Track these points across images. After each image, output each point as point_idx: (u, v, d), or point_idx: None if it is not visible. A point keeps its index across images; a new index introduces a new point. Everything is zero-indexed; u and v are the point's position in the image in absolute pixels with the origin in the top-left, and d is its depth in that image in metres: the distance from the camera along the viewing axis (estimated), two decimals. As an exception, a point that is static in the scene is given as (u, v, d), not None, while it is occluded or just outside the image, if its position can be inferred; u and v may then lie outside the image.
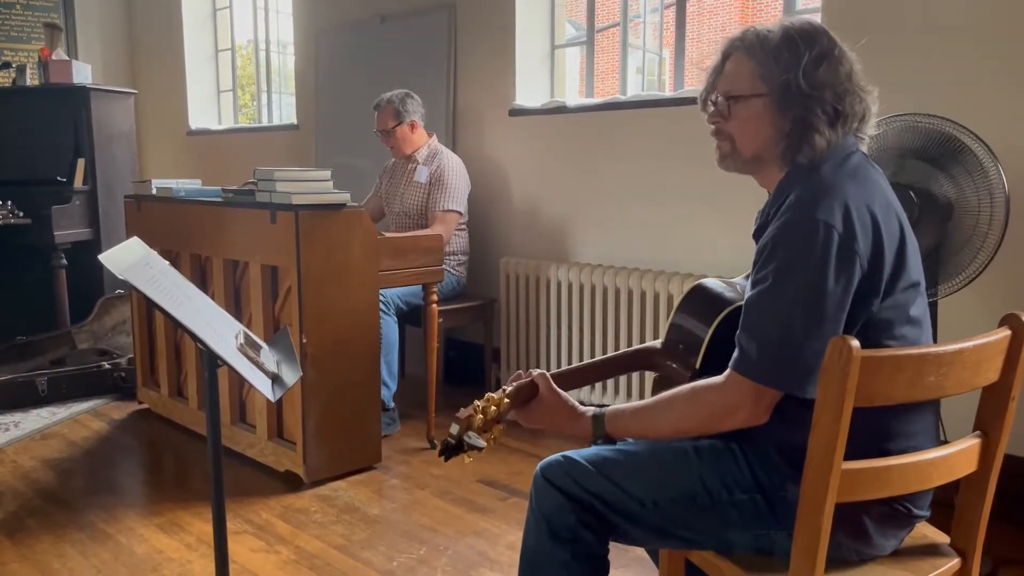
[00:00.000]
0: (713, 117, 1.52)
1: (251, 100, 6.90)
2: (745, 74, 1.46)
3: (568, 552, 1.46)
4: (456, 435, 1.44)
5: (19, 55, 6.02)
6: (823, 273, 1.31)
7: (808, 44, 1.42)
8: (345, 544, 2.57)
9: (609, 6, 6.98)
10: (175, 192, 3.53)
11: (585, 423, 1.51)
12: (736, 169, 1.53)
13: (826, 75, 1.41)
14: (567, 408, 1.54)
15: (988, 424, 1.39)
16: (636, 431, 1.49)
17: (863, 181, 1.41)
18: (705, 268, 3.29)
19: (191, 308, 1.60)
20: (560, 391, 1.55)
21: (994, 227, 2.23)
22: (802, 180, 1.42)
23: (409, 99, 3.83)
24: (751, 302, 1.38)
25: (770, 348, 1.33)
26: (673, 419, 1.44)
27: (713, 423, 1.40)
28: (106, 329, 4.62)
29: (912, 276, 1.39)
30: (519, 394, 1.53)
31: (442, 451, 1.45)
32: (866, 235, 1.33)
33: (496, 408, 1.49)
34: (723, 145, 1.52)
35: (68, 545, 2.58)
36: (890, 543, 1.43)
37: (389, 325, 3.41)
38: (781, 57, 1.42)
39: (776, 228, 1.37)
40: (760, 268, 1.37)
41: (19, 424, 3.73)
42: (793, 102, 1.41)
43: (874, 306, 1.35)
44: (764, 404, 1.35)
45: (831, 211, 1.32)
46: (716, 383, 1.39)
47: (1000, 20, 2.59)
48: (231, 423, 3.27)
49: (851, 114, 1.42)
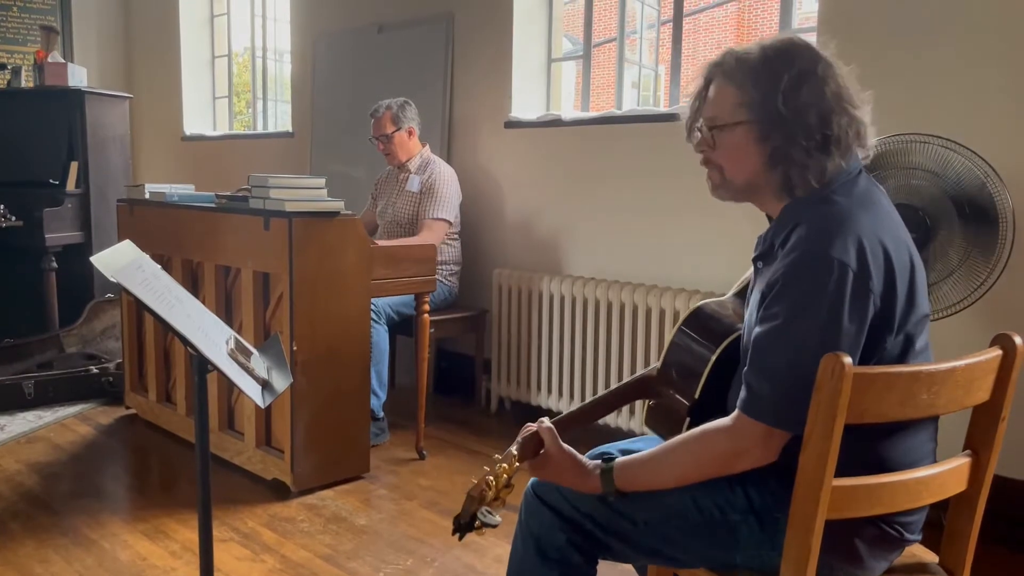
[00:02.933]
0: (699, 146, 1.47)
1: (247, 107, 6.90)
2: (727, 101, 1.41)
3: (556, 572, 1.45)
4: (469, 513, 1.39)
5: (15, 57, 6.01)
6: (838, 313, 1.26)
7: (786, 64, 1.36)
8: (331, 554, 2.55)
9: (606, 21, 7.03)
10: (168, 197, 3.52)
11: (594, 480, 1.44)
12: (730, 198, 1.48)
13: (808, 96, 1.34)
14: (574, 465, 1.47)
15: (978, 443, 1.39)
16: (646, 482, 1.42)
17: (873, 210, 1.36)
18: (698, 282, 3.29)
19: (182, 312, 1.59)
20: (565, 447, 1.48)
21: (1003, 249, 2.24)
22: (811, 209, 1.36)
23: (408, 106, 3.84)
24: (761, 340, 1.32)
25: (781, 389, 1.29)
26: (682, 467, 1.38)
27: (724, 467, 1.35)
28: (95, 333, 4.60)
29: (923, 309, 1.36)
30: (525, 451, 1.49)
31: (455, 530, 1.40)
32: (879, 271, 1.29)
33: (507, 476, 1.43)
34: (713, 175, 1.47)
35: (51, 550, 2.55)
36: (880, 565, 1.42)
37: (380, 334, 3.40)
38: (760, 81, 1.36)
39: (787, 265, 1.31)
40: (770, 305, 1.32)
41: (5, 427, 3.70)
42: (775, 128, 1.35)
43: (888, 343, 1.32)
44: (775, 445, 1.31)
45: (845, 248, 1.28)
46: (724, 426, 1.35)
47: (1004, 35, 2.61)
48: (219, 429, 3.25)
49: (842, 136, 1.35)
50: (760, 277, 1.45)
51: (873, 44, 2.83)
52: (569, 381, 3.65)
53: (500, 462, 1.44)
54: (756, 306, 1.39)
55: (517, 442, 1.50)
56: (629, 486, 1.43)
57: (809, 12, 3.56)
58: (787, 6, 3.30)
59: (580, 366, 3.60)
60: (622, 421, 3.46)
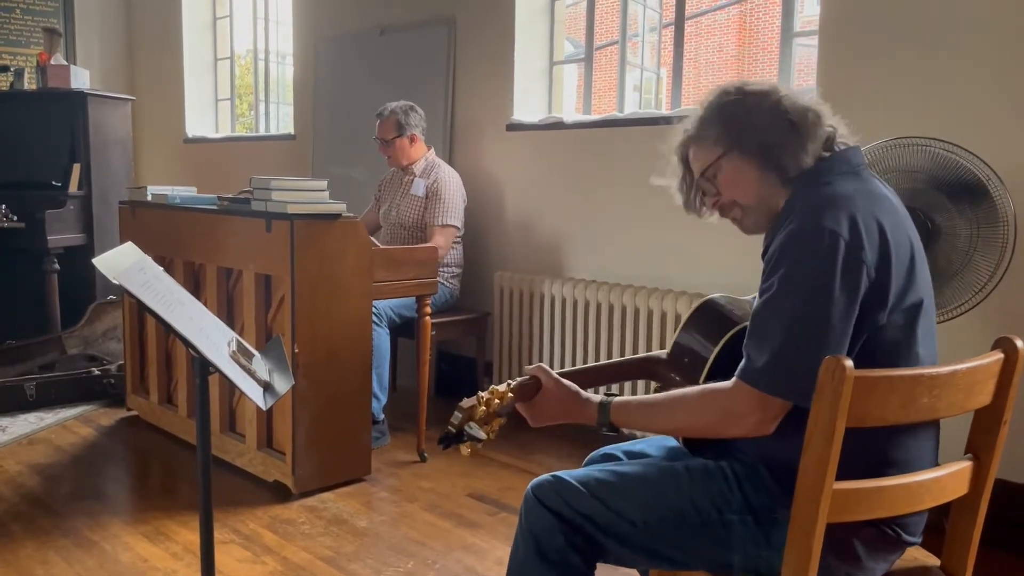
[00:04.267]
0: (710, 201, 1.56)
1: (249, 109, 6.90)
2: (704, 151, 1.53)
3: (555, 574, 1.45)
4: (457, 424, 1.44)
5: (18, 59, 6.02)
6: (829, 281, 1.30)
7: (723, 96, 1.51)
8: (332, 556, 2.55)
9: (608, 24, 7.03)
10: (170, 199, 3.53)
11: (591, 409, 1.50)
12: (764, 224, 1.52)
13: (755, 103, 1.47)
14: (572, 394, 1.53)
15: (980, 447, 1.38)
16: (641, 423, 1.49)
17: (870, 194, 1.40)
18: (700, 286, 3.29)
19: (184, 314, 1.59)
20: (563, 380, 1.54)
21: (1004, 254, 2.24)
22: (808, 192, 1.42)
23: (412, 112, 3.84)
24: (758, 310, 1.38)
25: (775, 357, 1.32)
26: (679, 417, 1.43)
27: (720, 426, 1.39)
28: (97, 335, 4.60)
29: (919, 293, 1.38)
30: (523, 389, 1.53)
31: (441, 439, 1.45)
32: (873, 244, 1.32)
33: (499, 401, 1.48)
34: (735, 213, 1.55)
35: (52, 551, 2.55)
36: (880, 566, 1.42)
37: (381, 337, 3.40)
38: (714, 120, 1.50)
39: (783, 237, 1.37)
40: (767, 276, 1.38)
41: (6, 429, 3.70)
42: (747, 137, 1.46)
43: (881, 318, 1.34)
44: (771, 413, 1.34)
45: (837, 219, 1.32)
46: (724, 388, 1.39)
47: (1004, 40, 2.61)
48: (221, 431, 3.25)
49: (801, 120, 1.44)
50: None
51: (874, 48, 2.83)
52: (570, 384, 3.65)
53: (495, 388, 1.50)
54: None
55: (515, 380, 1.56)
56: (623, 422, 1.48)
57: (811, 16, 3.56)
58: (788, 10, 3.30)
59: (581, 369, 3.60)
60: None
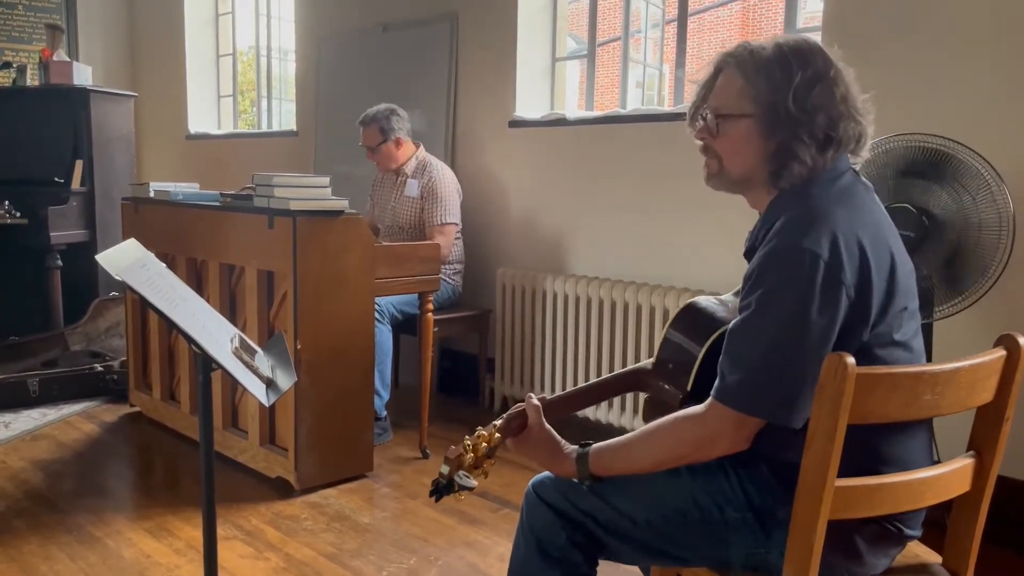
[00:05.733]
0: (701, 133, 1.47)
1: (251, 106, 6.90)
2: (734, 92, 1.41)
3: (557, 571, 1.45)
4: (447, 475, 1.41)
5: (20, 55, 6.02)
6: (807, 302, 1.27)
7: (801, 64, 1.36)
8: (335, 552, 2.56)
9: (610, 21, 7.02)
10: (173, 195, 3.53)
11: (569, 464, 1.46)
12: (724, 188, 1.49)
13: (819, 98, 1.35)
14: (552, 446, 1.49)
15: (982, 444, 1.38)
16: (621, 468, 1.44)
17: (853, 206, 1.37)
18: (701, 282, 3.29)
19: (186, 310, 1.59)
20: (547, 427, 1.51)
21: (1001, 249, 2.24)
22: (790, 204, 1.38)
23: (394, 116, 3.81)
24: (734, 329, 1.35)
25: (750, 376, 1.30)
26: (656, 453, 1.40)
27: (695, 453, 1.37)
28: (99, 331, 4.61)
29: (902, 301, 1.36)
30: (509, 426, 1.51)
31: (432, 491, 1.42)
32: (853, 264, 1.30)
33: (487, 444, 1.46)
34: (711, 163, 1.47)
35: (55, 547, 2.56)
36: (881, 562, 1.42)
37: (383, 333, 3.41)
38: (772, 76, 1.37)
39: (762, 255, 1.34)
40: (746, 295, 1.35)
41: (9, 425, 3.71)
42: (781, 125, 1.36)
43: (864, 335, 1.32)
44: (745, 432, 1.33)
45: (817, 240, 1.29)
46: (697, 413, 1.36)
47: (1006, 37, 2.60)
48: (223, 428, 3.26)
49: (844, 139, 1.37)
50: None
51: (877, 44, 2.83)
52: (572, 381, 3.65)
53: (481, 432, 1.47)
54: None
55: (503, 416, 1.53)
56: (605, 471, 1.44)
57: (814, 12, 3.56)
58: (791, 5, 3.30)
59: (584, 366, 3.60)
60: (617, 418, 3.46)
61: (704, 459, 1.38)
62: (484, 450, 1.45)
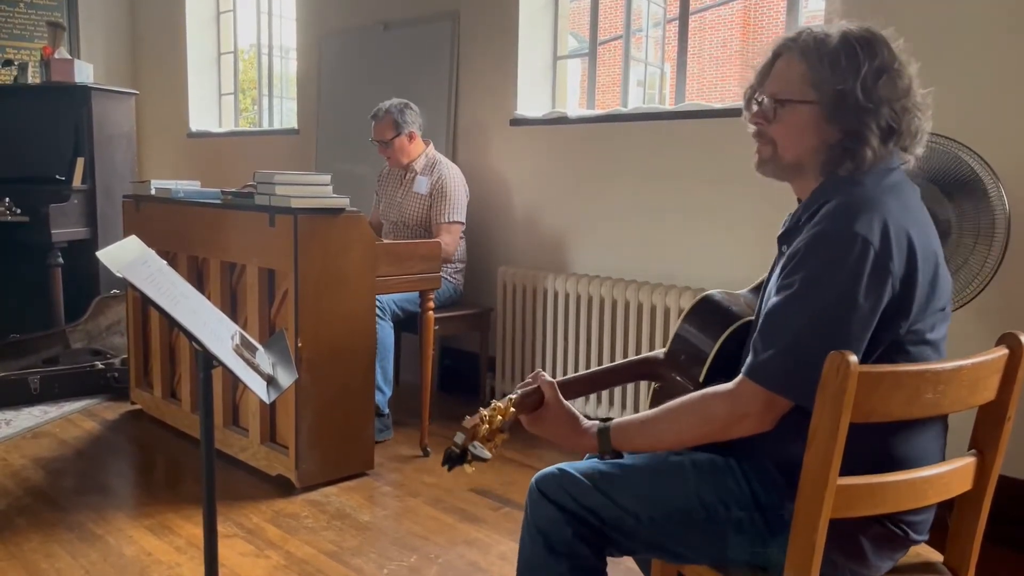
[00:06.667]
0: (756, 118, 1.45)
1: (252, 104, 6.90)
2: (796, 77, 1.39)
3: (565, 566, 1.45)
4: (460, 444, 1.41)
5: (21, 53, 6.02)
6: (854, 288, 1.26)
7: (869, 54, 1.35)
8: (335, 550, 2.55)
9: (612, 19, 7.01)
10: (174, 193, 3.53)
11: (590, 438, 1.47)
12: (774, 175, 1.48)
13: (886, 89, 1.35)
14: (572, 422, 1.50)
15: (984, 443, 1.38)
16: (642, 443, 1.45)
17: (903, 200, 1.36)
18: (703, 281, 3.29)
19: (187, 308, 1.59)
20: (566, 403, 1.51)
21: (995, 248, 2.24)
22: (841, 189, 1.37)
23: (408, 109, 3.82)
24: (774, 308, 1.33)
25: (788, 356, 1.29)
26: (680, 429, 1.40)
27: (721, 431, 1.36)
28: (101, 329, 4.61)
29: (941, 301, 1.36)
30: (524, 402, 1.51)
31: (445, 460, 1.42)
32: (901, 255, 1.29)
33: (502, 417, 1.46)
34: (764, 149, 1.46)
35: (57, 545, 2.56)
36: (885, 564, 1.42)
37: (385, 331, 3.40)
38: (838, 65, 1.35)
39: (810, 236, 1.32)
40: (788, 274, 1.33)
41: (10, 422, 3.71)
42: (846, 114, 1.35)
43: (902, 328, 1.31)
44: (774, 412, 1.32)
45: (869, 226, 1.28)
46: (725, 390, 1.36)
47: (1008, 36, 2.60)
48: (224, 426, 3.26)
49: (905, 132, 1.37)
50: (782, 257, 1.45)
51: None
52: (573, 379, 3.65)
53: (496, 403, 1.47)
54: (776, 280, 1.39)
55: (518, 391, 1.52)
56: (626, 446, 1.45)
57: (815, 10, 3.56)
58: (793, 4, 3.29)
59: (585, 364, 3.60)
60: (619, 414, 3.46)
61: (727, 437, 1.36)
62: (499, 423, 1.45)
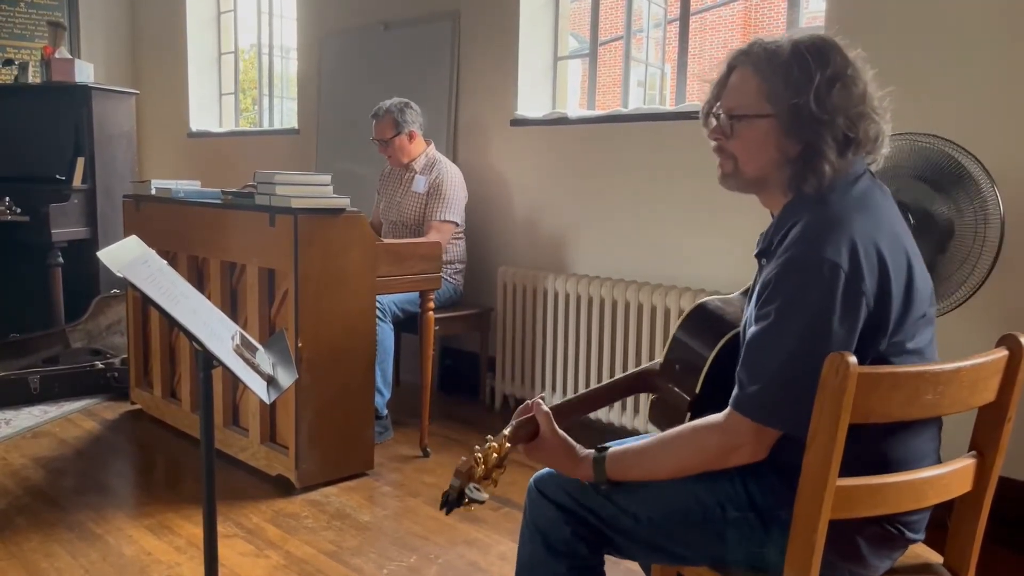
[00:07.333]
0: (715, 133, 1.45)
1: (252, 104, 6.90)
2: (751, 91, 1.38)
3: (564, 565, 1.45)
4: (457, 488, 1.39)
5: (22, 52, 6.02)
6: (828, 313, 1.26)
7: (820, 63, 1.34)
8: (335, 550, 2.56)
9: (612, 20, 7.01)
10: (174, 193, 3.53)
11: (586, 467, 1.45)
12: (738, 189, 1.47)
13: (839, 98, 1.33)
14: (568, 451, 1.48)
15: (984, 444, 1.38)
16: (637, 474, 1.43)
17: (871, 211, 1.35)
18: (704, 282, 3.29)
19: (188, 307, 1.59)
20: (560, 432, 1.49)
21: (988, 248, 2.24)
22: (808, 209, 1.36)
23: (408, 109, 3.82)
24: (753, 339, 1.33)
25: (771, 387, 1.29)
26: (677, 460, 1.39)
27: (715, 462, 1.36)
28: (101, 329, 4.61)
29: (920, 309, 1.35)
30: (518, 434, 1.49)
31: (442, 504, 1.40)
32: (872, 273, 1.28)
33: (496, 455, 1.44)
34: (725, 164, 1.45)
35: (57, 544, 2.56)
36: (883, 564, 1.42)
37: (385, 332, 3.40)
38: (791, 77, 1.34)
39: (780, 264, 1.32)
40: (764, 303, 1.32)
41: (10, 422, 3.71)
42: (802, 127, 1.34)
43: (882, 345, 1.31)
44: (765, 442, 1.32)
45: (837, 249, 1.27)
46: (716, 422, 1.35)
47: (1005, 39, 2.60)
48: (224, 426, 3.26)
49: (864, 139, 1.36)
50: (760, 273, 1.45)
51: (881, 43, 2.82)
52: (574, 379, 3.65)
53: (491, 441, 1.45)
54: (755, 303, 1.39)
55: (511, 424, 1.50)
56: (621, 476, 1.43)
57: (816, 11, 3.56)
58: (794, 4, 3.29)
59: (585, 364, 3.60)
60: (624, 419, 3.46)
61: (724, 467, 1.36)
62: (494, 461, 1.43)
